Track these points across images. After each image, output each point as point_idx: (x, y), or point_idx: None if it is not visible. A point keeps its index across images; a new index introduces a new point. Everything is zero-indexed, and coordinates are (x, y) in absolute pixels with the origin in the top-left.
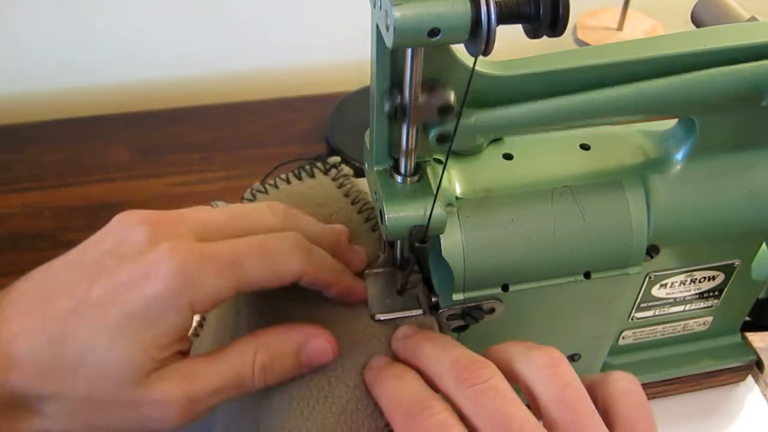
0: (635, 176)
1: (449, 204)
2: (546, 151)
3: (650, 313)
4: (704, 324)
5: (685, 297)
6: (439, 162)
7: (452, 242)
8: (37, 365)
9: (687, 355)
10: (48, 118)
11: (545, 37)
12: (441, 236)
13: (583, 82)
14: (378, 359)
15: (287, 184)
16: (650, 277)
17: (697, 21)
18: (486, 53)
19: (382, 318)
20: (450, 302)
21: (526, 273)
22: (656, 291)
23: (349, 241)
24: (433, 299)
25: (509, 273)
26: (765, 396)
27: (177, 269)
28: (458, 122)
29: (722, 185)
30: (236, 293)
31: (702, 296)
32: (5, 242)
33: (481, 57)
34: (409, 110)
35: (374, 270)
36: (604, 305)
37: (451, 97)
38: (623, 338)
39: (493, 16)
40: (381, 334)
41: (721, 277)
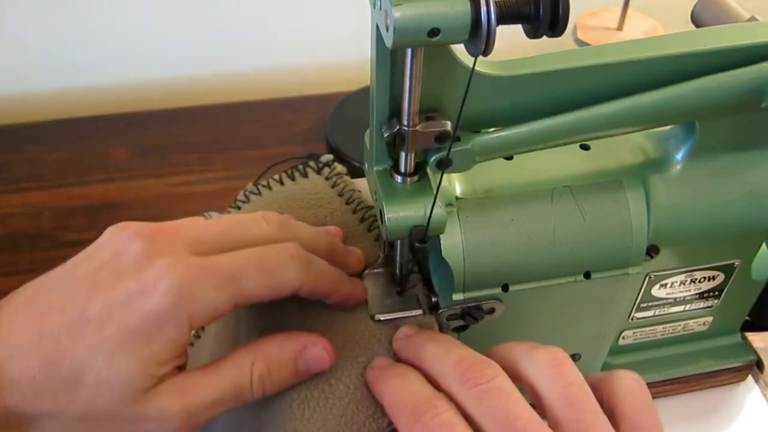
0: (635, 176)
1: (449, 204)
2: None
3: (650, 313)
4: (704, 324)
5: (685, 297)
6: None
7: (452, 242)
8: (32, 384)
9: (687, 355)
10: (48, 118)
11: (545, 37)
12: (441, 236)
13: (584, 83)
14: (380, 359)
15: (280, 185)
16: (650, 277)
17: (697, 21)
18: (486, 53)
19: (382, 318)
20: (450, 302)
21: (526, 273)
22: (656, 291)
23: (345, 242)
24: (433, 299)
25: (509, 273)
26: (765, 396)
27: (175, 285)
28: (458, 122)
29: (722, 185)
30: (234, 307)
31: (702, 296)
32: (5, 242)
33: (481, 57)
34: (408, 138)
35: (374, 270)
36: (604, 305)
37: (448, 126)
38: (623, 338)
39: (493, 16)
40: (381, 335)
41: (721, 277)
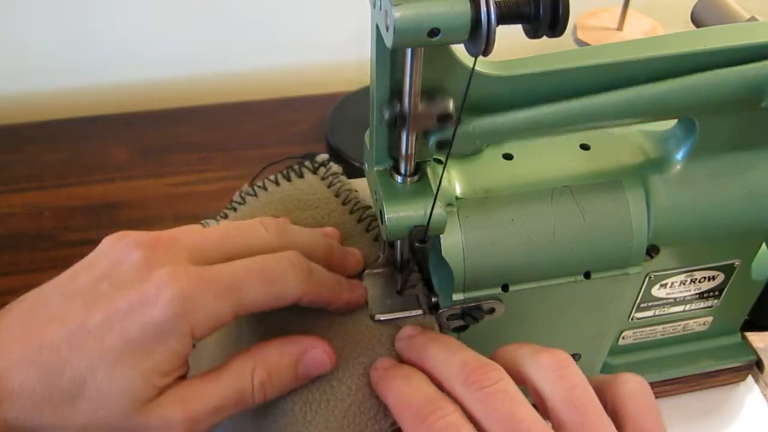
0: (635, 176)
1: (449, 204)
2: (546, 151)
3: (650, 313)
4: (704, 324)
5: (685, 297)
6: (439, 162)
7: (452, 242)
8: (32, 396)
9: (687, 355)
10: (48, 118)
11: (545, 37)
12: (441, 236)
13: (584, 83)
14: (384, 360)
15: (276, 186)
16: (650, 277)
17: (697, 21)
18: (486, 53)
19: (382, 318)
20: (450, 302)
21: (526, 273)
22: (656, 291)
23: (343, 243)
24: (433, 299)
25: (509, 273)
26: (765, 396)
27: (176, 295)
28: (458, 123)
29: (722, 185)
30: (235, 317)
31: (702, 296)
32: (5, 242)
33: (481, 57)
34: (409, 118)
35: (374, 270)
36: (604, 305)
37: (450, 105)
38: (623, 338)
39: (493, 17)
40: (381, 335)
41: (721, 277)
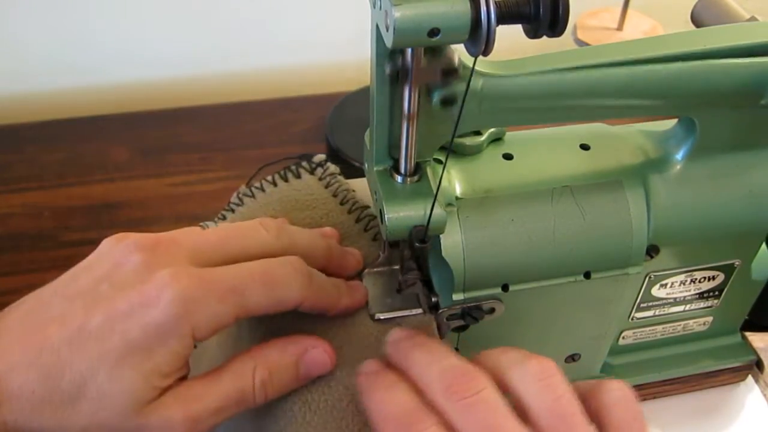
0: (635, 176)
1: (449, 204)
2: (546, 151)
3: (650, 313)
4: (704, 324)
5: (685, 297)
6: (439, 162)
7: (452, 242)
8: (32, 398)
9: (687, 355)
10: (48, 118)
11: (545, 37)
12: (441, 236)
13: (583, 82)
14: (369, 364)
15: (274, 187)
16: (650, 277)
17: (697, 21)
18: (486, 53)
19: (382, 317)
20: (450, 302)
21: (526, 273)
22: (656, 291)
23: (342, 243)
24: (433, 299)
25: (509, 273)
26: (765, 396)
27: (178, 296)
28: (457, 123)
29: (722, 185)
30: (236, 320)
31: (702, 296)
32: (5, 242)
33: (481, 57)
34: (411, 72)
35: (374, 270)
36: (604, 305)
37: (456, 59)
38: (623, 338)
39: (493, 16)
40: (381, 334)
41: (721, 277)
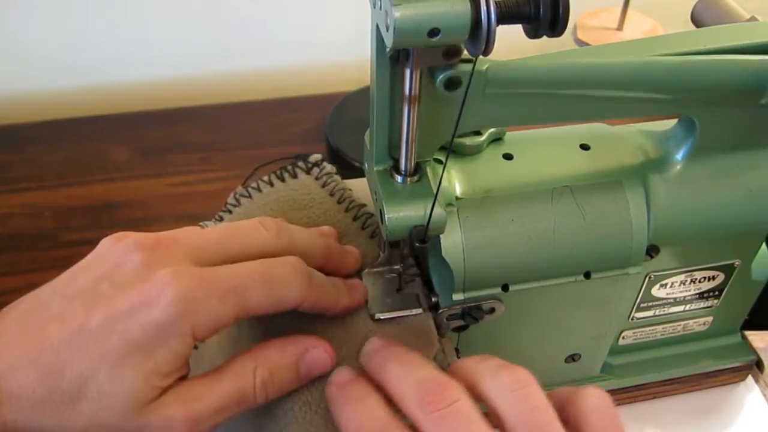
0: (635, 176)
1: (449, 204)
2: (546, 151)
3: (650, 313)
4: (704, 324)
5: (685, 297)
6: (439, 162)
7: (452, 242)
8: (32, 398)
9: (687, 355)
10: (48, 118)
11: (545, 37)
12: (441, 236)
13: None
14: (340, 374)
15: (270, 187)
16: (650, 277)
17: (697, 21)
18: (486, 53)
19: (382, 317)
20: (450, 302)
21: (526, 273)
22: (656, 291)
23: (340, 242)
24: (433, 299)
25: (509, 273)
26: (765, 396)
27: (179, 296)
28: (457, 123)
29: (722, 185)
30: (236, 319)
31: (702, 296)
32: (5, 242)
33: (481, 57)
34: (413, 53)
35: (374, 269)
36: (604, 305)
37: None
38: (623, 338)
39: (493, 16)
40: (379, 333)
41: (721, 277)
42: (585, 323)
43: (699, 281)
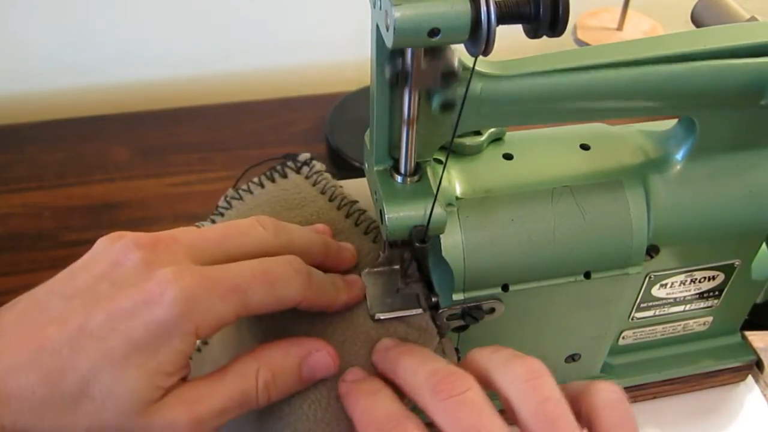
0: (635, 176)
1: (449, 204)
2: (546, 151)
3: (650, 313)
4: (704, 324)
5: (685, 297)
6: (439, 162)
7: (452, 242)
8: (32, 400)
9: (687, 355)
10: (48, 118)
11: (545, 37)
12: (441, 236)
13: (583, 85)
14: (353, 372)
15: (261, 188)
16: (650, 277)
17: (697, 21)
18: (486, 53)
19: (383, 317)
20: (450, 302)
21: (526, 273)
22: (656, 291)
23: (335, 239)
24: (433, 299)
25: (509, 273)
26: (765, 396)
27: (182, 294)
28: (457, 124)
29: (722, 185)
30: (237, 318)
31: (702, 296)
32: (5, 242)
33: (481, 57)
34: (411, 76)
35: (374, 269)
36: (604, 305)
37: (456, 62)
38: (623, 338)
39: (493, 16)
40: (381, 327)
41: (721, 277)
42: (585, 323)
43: (699, 281)
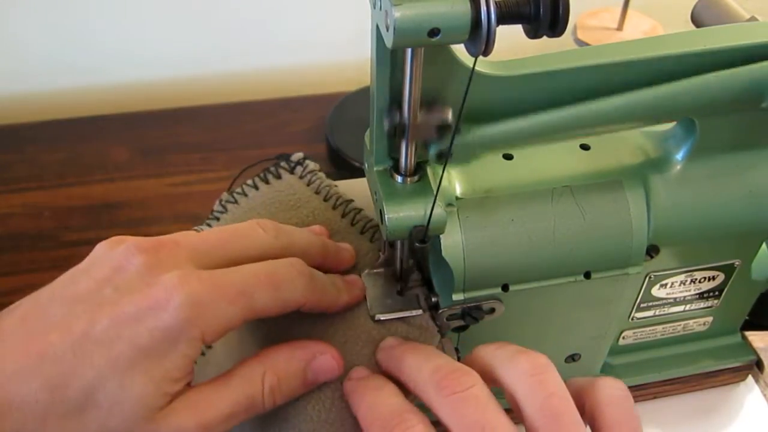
0: (635, 176)
1: (449, 204)
2: (546, 151)
3: (650, 313)
4: (704, 324)
5: (685, 297)
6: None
7: (452, 242)
8: (35, 409)
9: (687, 355)
10: (48, 118)
11: (545, 37)
12: (441, 236)
13: (584, 83)
14: (358, 371)
15: (255, 191)
16: (650, 277)
17: (697, 21)
18: (486, 53)
19: (383, 318)
20: (450, 302)
21: (526, 273)
22: (656, 291)
23: (332, 239)
24: (433, 299)
25: (509, 273)
26: (765, 396)
27: (188, 300)
28: (456, 129)
29: (722, 185)
30: (243, 322)
31: (702, 296)
32: (5, 242)
33: (481, 57)
34: (408, 129)
35: (374, 270)
36: (604, 305)
37: (450, 115)
38: (623, 338)
39: (493, 17)
40: (386, 333)
41: (721, 277)
42: (585, 323)
43: (699, 281)
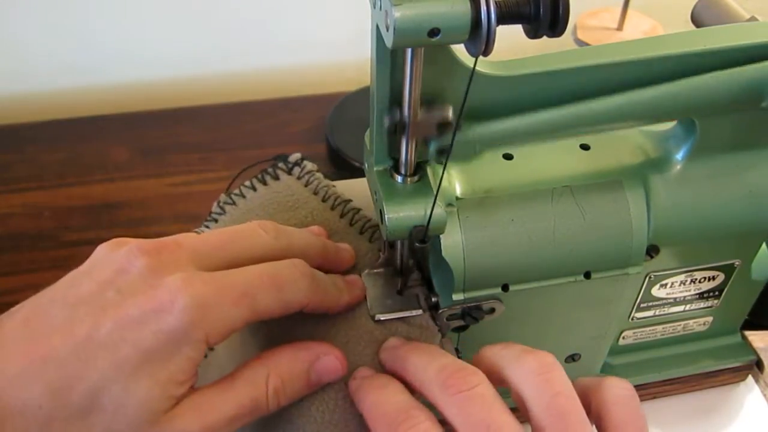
0: (635, 176)
1: (449, 204)
2: (546, 151)
3: (650, 313)
4: (704, 324)
5: (685, 297)
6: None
7: (452, 242)
8: (38, 415)
9: (687, 355)
10: (48, 118)
11: (545, 37)
12: (441, 236)
13: (584, 83)
14: (362, 370)
15: (253, 192)
16: (650, 277)
17: (697, 21)
18: (486, 53)
19: (383, 318)
20: (450, 302)
21: (526, 273)
22: (656, 291)
23: (331, 239)
24: (433, 299)
25: (509, 273)
26: (765, 396)
27: (192, 302)
28: (456, 126)
29: (722, 185)
30: (246, 323)
31: (702, 296)
32: (5, 242)
33: (481, 57)
34: (409, 127)
35: (374, 270)
36: (604, 305)
37: (450, 113)
38: (623, 338)
39: (493, 17)
40: (387, 332)
41: (721, 277)
42: (585, 323)
43: (699, 281)
